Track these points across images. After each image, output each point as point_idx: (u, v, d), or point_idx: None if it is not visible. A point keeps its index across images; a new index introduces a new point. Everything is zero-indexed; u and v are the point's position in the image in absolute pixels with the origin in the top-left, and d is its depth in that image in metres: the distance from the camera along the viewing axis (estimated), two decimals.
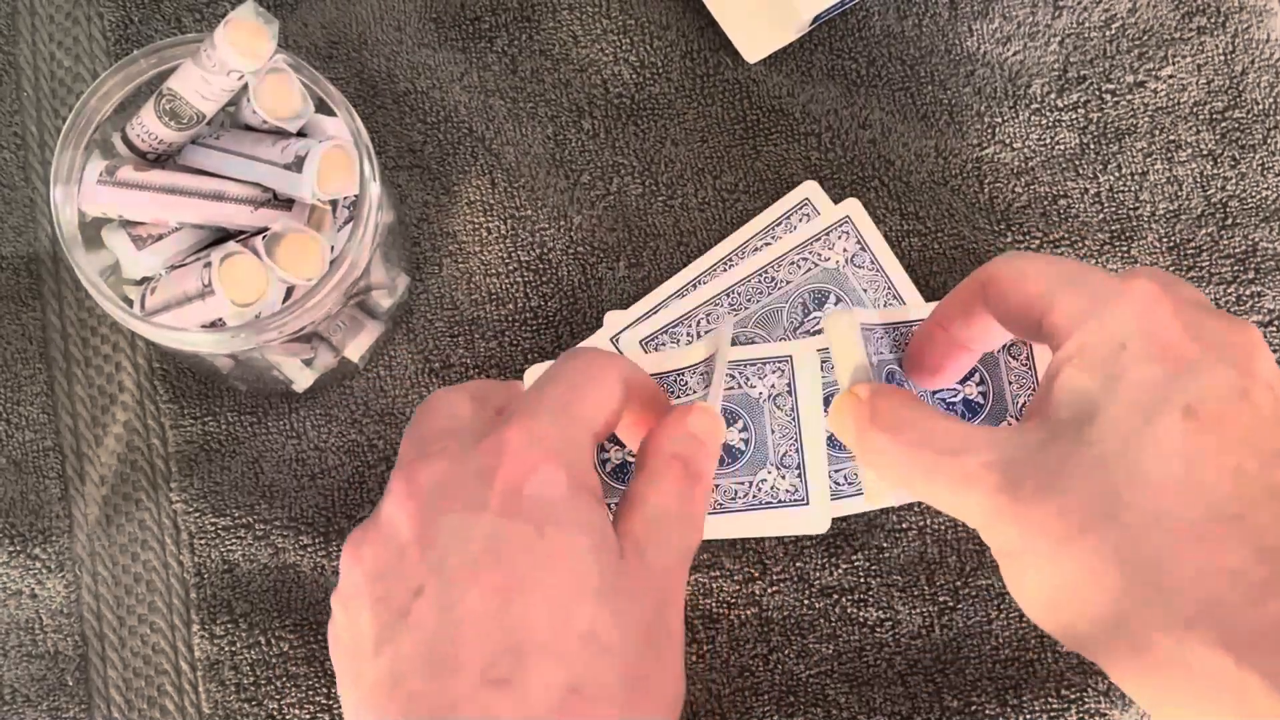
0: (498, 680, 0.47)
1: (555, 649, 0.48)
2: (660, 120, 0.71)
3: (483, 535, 0.49)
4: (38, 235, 0.70)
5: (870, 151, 0.70)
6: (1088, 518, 0.49)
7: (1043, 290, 0.54)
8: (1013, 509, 0.51)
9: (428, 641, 0.48)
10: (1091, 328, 0.52)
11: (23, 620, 0.67)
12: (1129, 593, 0.49)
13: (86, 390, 0.69)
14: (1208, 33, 0.71)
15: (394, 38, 0.71)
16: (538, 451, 0.51)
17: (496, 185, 0.69)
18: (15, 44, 0.72)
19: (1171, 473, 0.49)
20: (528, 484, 0.50)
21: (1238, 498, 0.49)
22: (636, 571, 0.51)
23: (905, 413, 0.56)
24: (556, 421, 0.52)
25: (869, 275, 0.67)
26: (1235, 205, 0.69)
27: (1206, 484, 0.49)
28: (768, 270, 0.68)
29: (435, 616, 0.49)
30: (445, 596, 0.49)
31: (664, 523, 0.54)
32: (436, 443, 0.53)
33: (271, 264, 0.54)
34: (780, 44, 0.70)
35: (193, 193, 0.56)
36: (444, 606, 0.49)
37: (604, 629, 0.49)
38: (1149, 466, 0.49)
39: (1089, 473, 0.50)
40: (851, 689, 0.66)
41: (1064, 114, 0.70)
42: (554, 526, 0.50)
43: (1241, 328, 0.53)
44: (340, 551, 0.66)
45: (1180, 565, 0.48)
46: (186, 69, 0.56)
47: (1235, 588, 0.47)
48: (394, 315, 0.68)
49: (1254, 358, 0.52)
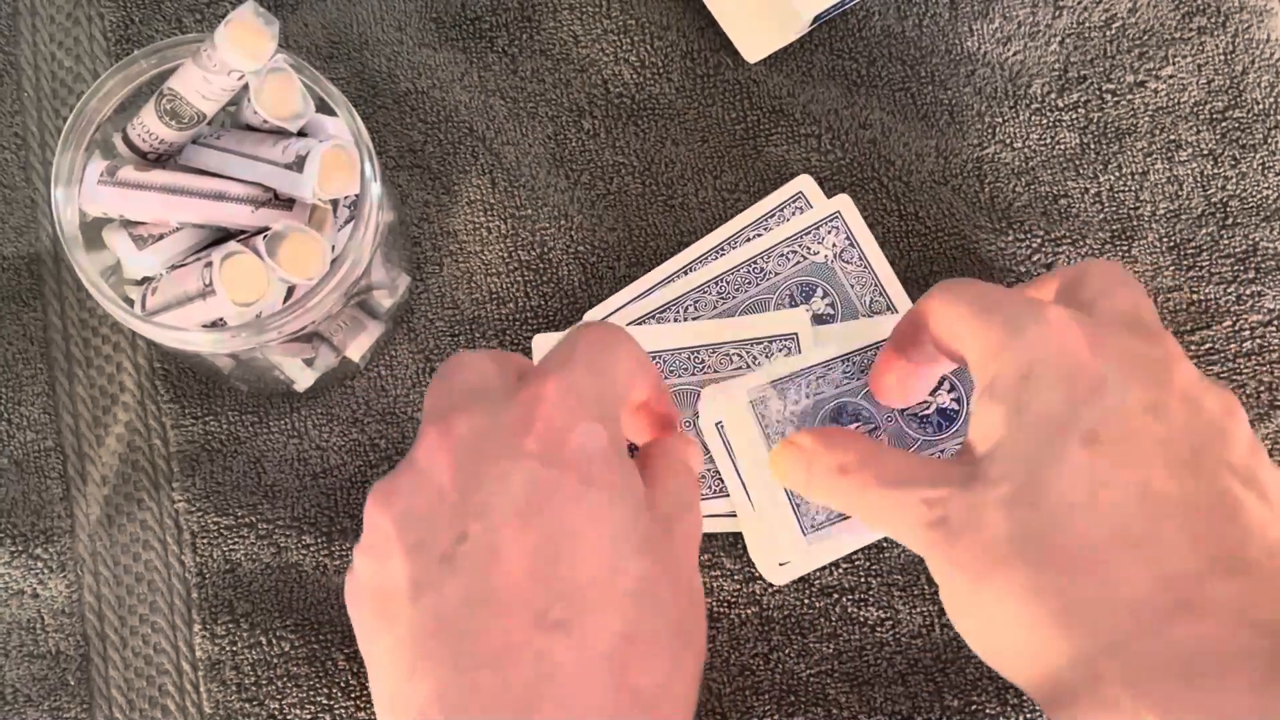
0: (554, 623, 0.47)
1: (608, 597, 0.48)
2: (660, 120, 0.71)
3: (527, 481, 0.49)
4: (39, 235, 0.70)
5: (870, 151, 0.70)
6: (999, 555, 0.50)
7: (958, 331, 0.55)
8: (943, 545, 0.52)
9: (476, 585, 0.47)
10: (1003, 359, 0.53)
11: (24, 620, 0.67)
12: (1039, 630, 0.49)
13: (88, 390, 0.69)
14: (1208, 32, 0.71)
15: (394, 38, 0.71)
16: (578, 405, 0.50)
17: (497, 185, 0.70)
18: (16, 44, 0.72)
19: (1075, 502, 0.50)
20: (571, 436, 0.50)
21: (1142, 518, 0.49)
22: (666, 530, 0.52)
23: (849, 454, 0.57)
24: (592, 379, 0.52)
25: (857, 271, 0.67)
26: (1235, 205, 0.69)
27: (1109, 509, 0.49)
28: (756, 261, 0.68)
29: (483, 560, 0.48)
30: (492, 541, 0.48)
31: (685, 505, 0.54)
32: (468, 395, 0.52)
33: (273, 264, 0.54)
34: (780, 44, 0.70)
35: (194, 192, 0.56)
36: (491, 550, 0.48)
37: (653, 582, 0.49)
38: (1054, 497, 0.50)
39: (999, 507, 0.51)
40: (852, 688, 0.66)
41: (1064, 114, 0.70)
42: (599, 480, 0.49)
43: (1160, 340, 0.53)
44: (343, 551, 0.66)
45: (1086, 600, 0.49)
46: (187, 69, 0.56)
47: (1136, 619, 0.48)
48: (395, 315, 0.68)
49: (1170, 370, 0.52)
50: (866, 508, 0.56)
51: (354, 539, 0.68)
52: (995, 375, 0.53)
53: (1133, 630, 0.48)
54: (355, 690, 0.66)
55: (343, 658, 0.66)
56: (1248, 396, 0.67)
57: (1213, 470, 0.50)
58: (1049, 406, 0.51)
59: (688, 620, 0.51)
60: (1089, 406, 0.51)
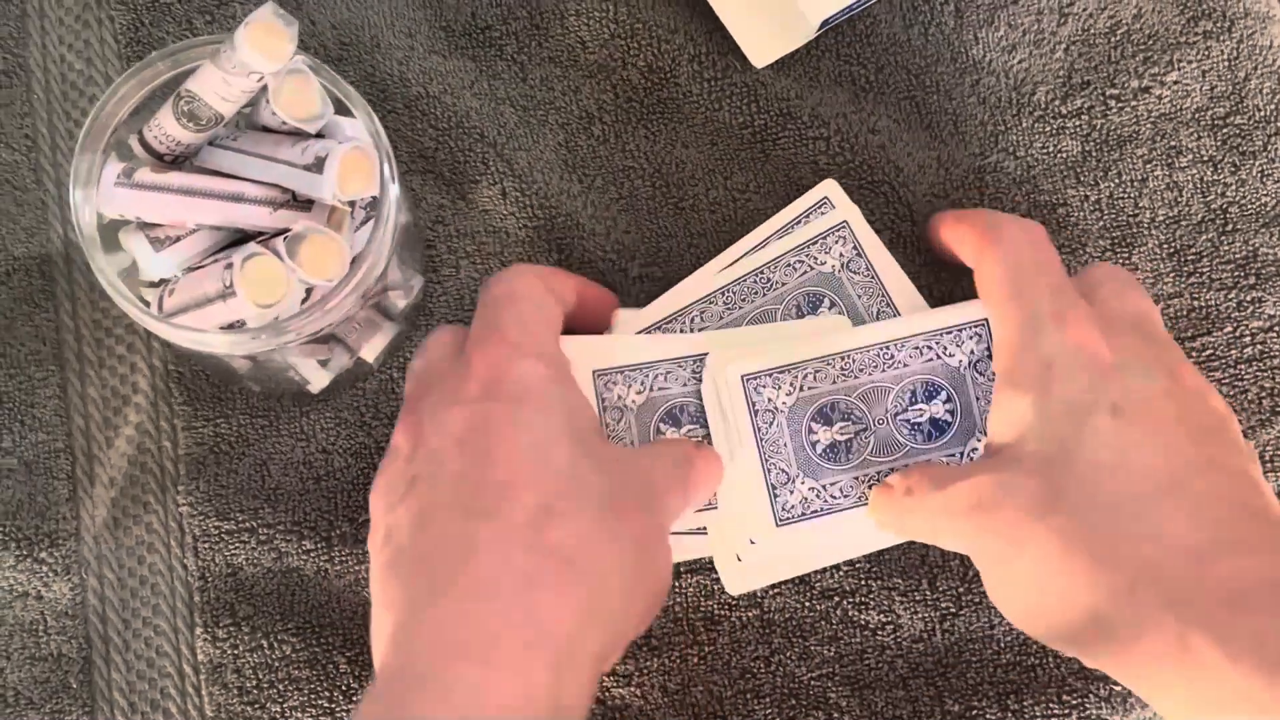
0: (479, 510, 0.52)
1: (532, 481, 0.54)
2: (670, 124, 0.71)
3: (466, 417, 0.55)
4: (50, 237, 0.70)
5: (880, 155, 0.70)
6: (1038, 513, 0.54)
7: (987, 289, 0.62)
8: (983, 519, 0.56)
9: (420, 508, 0.54)
10: (1025, 352, 0.58)
11: (27, 622, 0.67)
12: (1077, 571, 0.53)
13: (100, 392, 0.69)
14: (1213, 37, 0.71)
15: (405, 44, 0.71)
16: (514, 349, 0.57)
17: (509, 191, 0.70)
18: (25, 46, 0.72)
19: (1105, 462, 0.54)
20: (509, 372, 0.56)
21: (1170, 473, 0.53)
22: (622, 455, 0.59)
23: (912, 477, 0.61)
24: (518, 326, 0.58)
25: (864, 281, 0.67)
26: (1235, 211, 0.70)
27: (1140, 466, 0.54)
28: (763, 271, 0.68)
29: (426, 489, 0.55)
30: (433, 472, 0.55)
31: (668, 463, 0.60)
32: (427, 374, 0.59)
33: (293, 265, 0.54)
34: (787, 49, 0.70)
35: (211, 194, 0.56)
36: (432, 479, 0.55)
37: (581, 467, 0.55)
38: (1084, 461, 0.54)
39: (1032, 475, 0.55)
40: (853, 692, 0.66)
41: (1068, 120, 0.71)
42: (534, 400, 0.55)
43: (1168, 345, 0.59)
44: (342, 556, 0.67)
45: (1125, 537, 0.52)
46: (206, 71, 0.55)
47: (1177, 554, 0.51)
48: (409, 316, 0.68)
49: (1180, 371, 0.57)
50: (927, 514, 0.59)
51: (353, 544, 0.68)
52: (1016, 366, 0.58)
53: (1174, 564, 0.52)
54: (356, 693, 0.66)
55: (344, 661, 0.66)
56: (1249, 402, 0.68)
57: (1229, 447, 0.55)
58: (1072, 390, 0.56)
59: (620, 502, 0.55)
60: (1110, 384, 0.55)
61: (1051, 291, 0.59)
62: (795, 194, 0.69)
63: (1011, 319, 0.59)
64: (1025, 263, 0.60)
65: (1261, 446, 0.68)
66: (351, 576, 0.67)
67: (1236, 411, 0.68)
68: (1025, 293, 0.59)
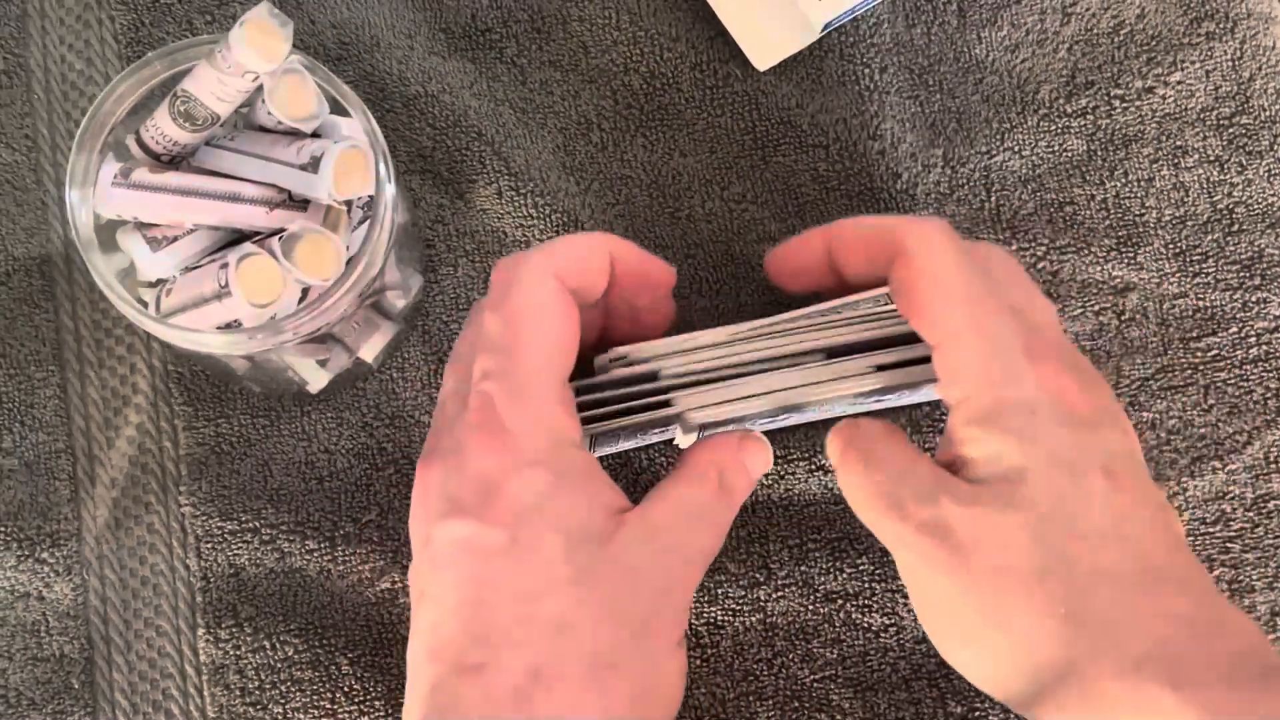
0: (469, 666, 0.51)
1: (521, 636, 0.52)
2: (669, 131, 0.71)
3: (463, 538, 0.53)
4: (50, 237, 0.70)
5: (878, 163, 0.70)
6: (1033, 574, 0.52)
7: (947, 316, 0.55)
8: (944, 554, 0.53)
9: (425, 634, 0.54)
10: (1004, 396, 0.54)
11: (29, 623, 0.67)
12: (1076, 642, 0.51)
13: (100, 392, 0.69)
14: (1216, 38, 0.71)
15: (404, 44, 0.71)
16: (513, 457, 0.54)
17: (505, 189, 0.70)
18: (25, 46, 0.72)
19: (1104, 528, 0.52)
20: (504, 487, 0.53)
21: (1159, 548, 0.52)
22: (625, 558, 0.54)
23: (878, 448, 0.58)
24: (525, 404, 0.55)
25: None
26: (1241, 211, 0.70)
27: (1134, 537, 0.52)
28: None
29: (425, 621, 0.54)
30: (435, 596, 0.54)
31: (687, 520, 0.57)
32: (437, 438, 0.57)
33: (289, 265, 0.54)
34: (790, 51, 0.70)
35: (208, 194, 0.56)
36: (432, 606, 0.54)
37: (572, 615, 0.52)
38: (1085, 523, 0.52)
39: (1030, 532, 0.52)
40: (855, 694, 0.66)
41: (1072, 120, 0.71)
42: (528, 530, 0.53)
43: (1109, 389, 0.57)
44: (345, 556, 0.67)
45: (1127, 614, 0.51)
46: (201, 70, 0.55)
47: (1181, 630, 0.50)
48: (408, 316, 0.68)
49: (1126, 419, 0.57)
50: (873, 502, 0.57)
51: (356, 544, 0.68)
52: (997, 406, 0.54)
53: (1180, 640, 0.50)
54: (359, 695, 0.66)
55: (346, 662, 0.66)
56: (1254, 403, 0.68)
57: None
58: (1061, 439, 0.53)
59: (621, 649, 0.53)
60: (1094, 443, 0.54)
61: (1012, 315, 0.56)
62: (792, 204, 0.69)
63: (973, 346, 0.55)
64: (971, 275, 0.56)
65: (1266, 448, 0.67)
66: (355, 577, 0.67)
67: (1241, 413, 0.68)
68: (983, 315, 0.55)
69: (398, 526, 0.68)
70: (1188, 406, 0.68)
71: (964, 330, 0.55)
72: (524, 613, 0.52)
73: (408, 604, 0.67)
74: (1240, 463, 0.67)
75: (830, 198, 0.70)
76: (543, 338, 0.55)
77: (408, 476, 0.68)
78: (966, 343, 0.55)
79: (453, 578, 0.53)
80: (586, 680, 0.52)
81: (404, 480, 0.68)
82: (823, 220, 0.68)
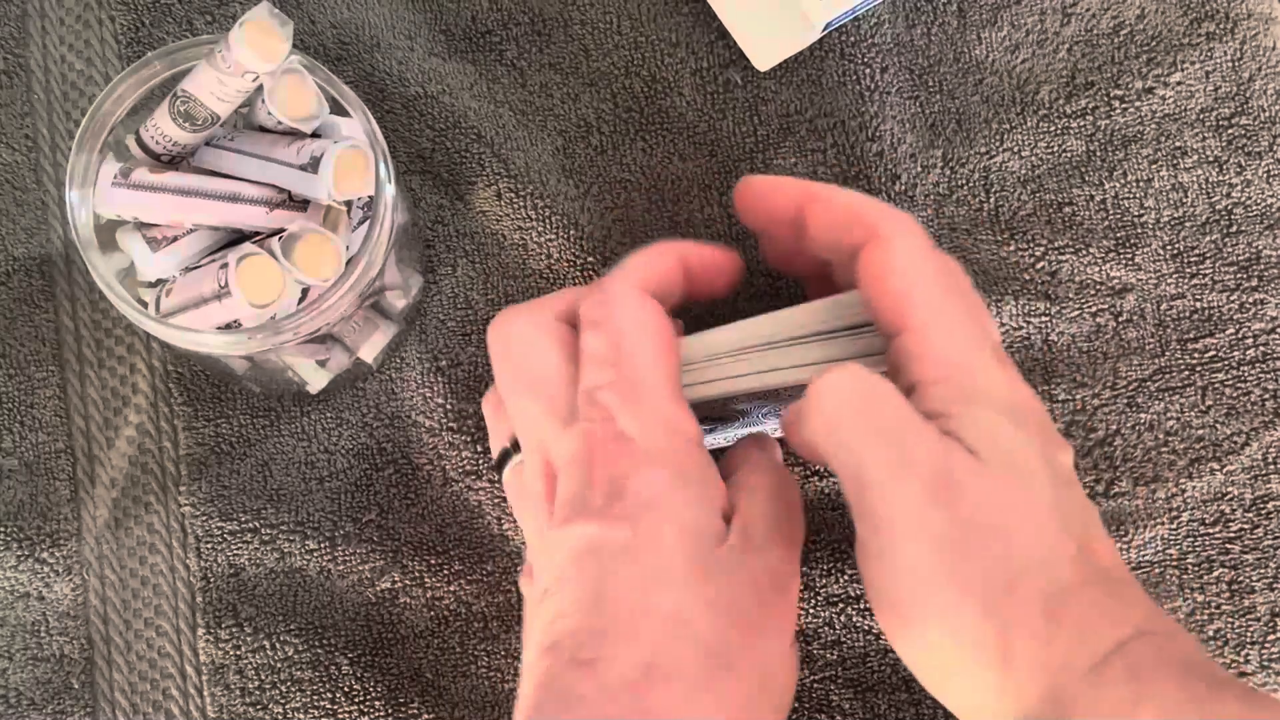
0: (583, 661, 0.51)
1: (636, 631, 0.51)
2: (668, 135, 0.71)
3: (588, 538, 0.53)
4: (50, 237, 0.70)
5: (877, 164, 0.70)
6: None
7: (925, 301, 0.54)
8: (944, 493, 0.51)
9: (543, 630, 0.54)
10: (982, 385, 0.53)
11: (29, 623, 0.67)
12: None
13: (99, 392, 0.69)
14: (1216, 39, 0.71)
15: (405, 45, 0.71)
16: (639, 457, 0.54)
17: (504, 191, 0.70)
18: (26, 46, 0.72)
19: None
20: (628, 486, 0.54)
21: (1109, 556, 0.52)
22: (739, 559, 0.54)
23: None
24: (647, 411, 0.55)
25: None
26: (1240, 212, 0.70)
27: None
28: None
29: (550, 608, 0.54)
30: (557, 593, 0.54)
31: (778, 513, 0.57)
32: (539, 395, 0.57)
33: (289, 265, 0.54)
34: (791, 51, 0.70)
35: (208, 194, 0.56)
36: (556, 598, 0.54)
37: (688, 611, 0.52)
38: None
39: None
40: (855, 695, 0.66)
41: (1072, 120, 0.71)
42: (648, 524, 0.53)
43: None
44: (345, 556, 0.67)
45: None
46: (201, 70, 0.55)
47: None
48: (407, 316, 0.68)
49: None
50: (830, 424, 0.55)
51: (356, 544, 0.68)
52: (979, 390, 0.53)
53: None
54: (359, 695, 0.66)
55: (346, 662, 0.66)
56: (1251, 405, 0.68)
57: None
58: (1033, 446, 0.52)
59: (733, 649, 0.53)
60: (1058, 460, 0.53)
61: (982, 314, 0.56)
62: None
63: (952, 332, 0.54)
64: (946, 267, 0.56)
65: (1265, 449, 0.67)
66: (355, 577, 0.67)
67: (1239, 414, 0.68)
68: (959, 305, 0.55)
69: (398, 526, 0.68)
70: (1185, 408, 0.68)
71: (943, 314, 0.54)
72: (642, 606, 0.52)
73: (408, 603, 0.67)
74: (1238, 464, 0.67)
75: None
76: (648, 342, 0.56)
77: (408, 476, 0.68)
78: (944, 327, 0.54)
79: (575, 574, 0.53)
80: (702, 679, 0.51)
81: (404, 480, 0.68)
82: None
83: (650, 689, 0.50)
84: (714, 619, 0.52)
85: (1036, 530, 0.50)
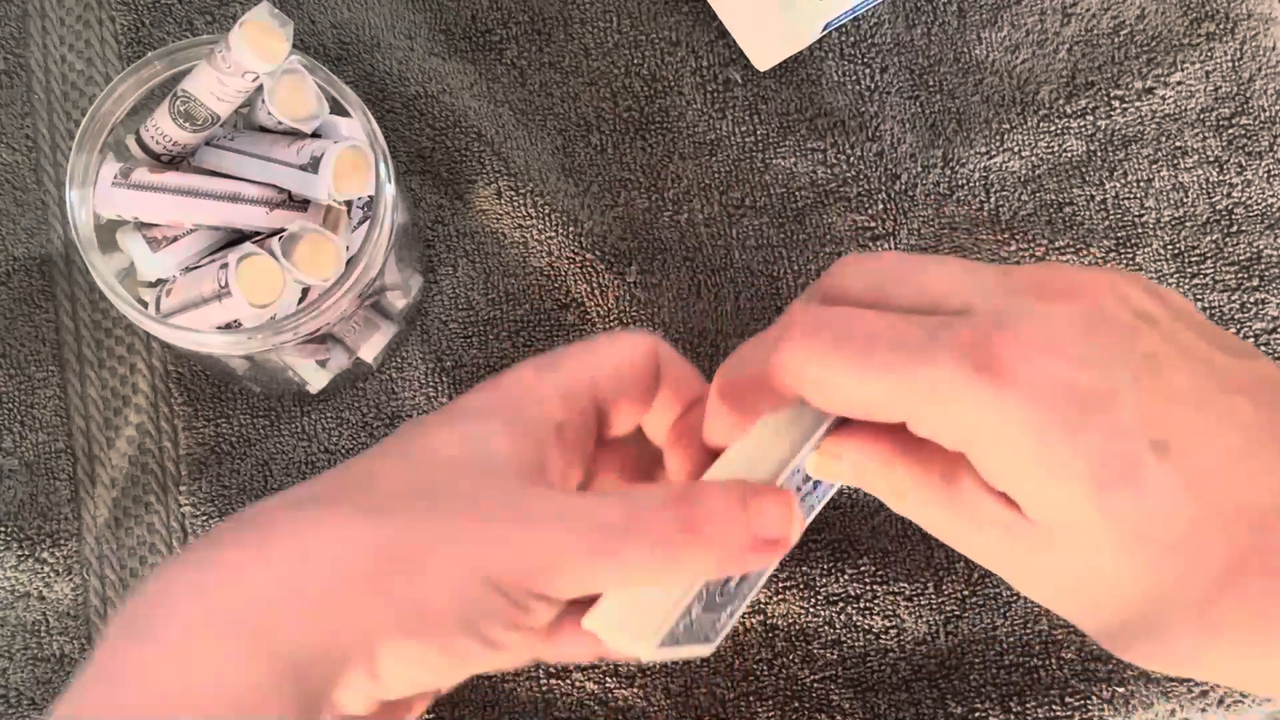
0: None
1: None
2: (668, 134, 0.71)
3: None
4: (50, 237, 0.70)
5: (876, 165, 0.70)
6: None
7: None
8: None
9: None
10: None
11: (29, 623, 0.67)
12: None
13: (100, 392, 0.69)
14: (1216, 39, 0.71)
15: (405, 45, 0.71)
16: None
17: (504, 189, 0.70)
18: (26, 46, 0.72)
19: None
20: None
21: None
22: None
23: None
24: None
25: None
26: (1240, 212, 0.70)
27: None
28: None
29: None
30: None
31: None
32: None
33: (289, 265, 0.54)
34: (791, 51, 0.70)
35: (208, 194, 0.56)
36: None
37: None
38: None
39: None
40: (855, 694, 0.66)
41: (1072, 121, 0.71)
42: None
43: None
44: None
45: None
46: (201, 70, 0.56)
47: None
48: (408, 316, 0.68)
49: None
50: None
51: None
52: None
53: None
54: None
55: None
56: None
57: None
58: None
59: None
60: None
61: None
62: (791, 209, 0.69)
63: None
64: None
65: None
66: None
67: None
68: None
69: None
70: None
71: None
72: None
73: None
74: None
75: (829, 201, 0.70)
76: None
77: None
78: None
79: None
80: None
81: None
82: (820, 226, 0.68)
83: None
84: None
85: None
